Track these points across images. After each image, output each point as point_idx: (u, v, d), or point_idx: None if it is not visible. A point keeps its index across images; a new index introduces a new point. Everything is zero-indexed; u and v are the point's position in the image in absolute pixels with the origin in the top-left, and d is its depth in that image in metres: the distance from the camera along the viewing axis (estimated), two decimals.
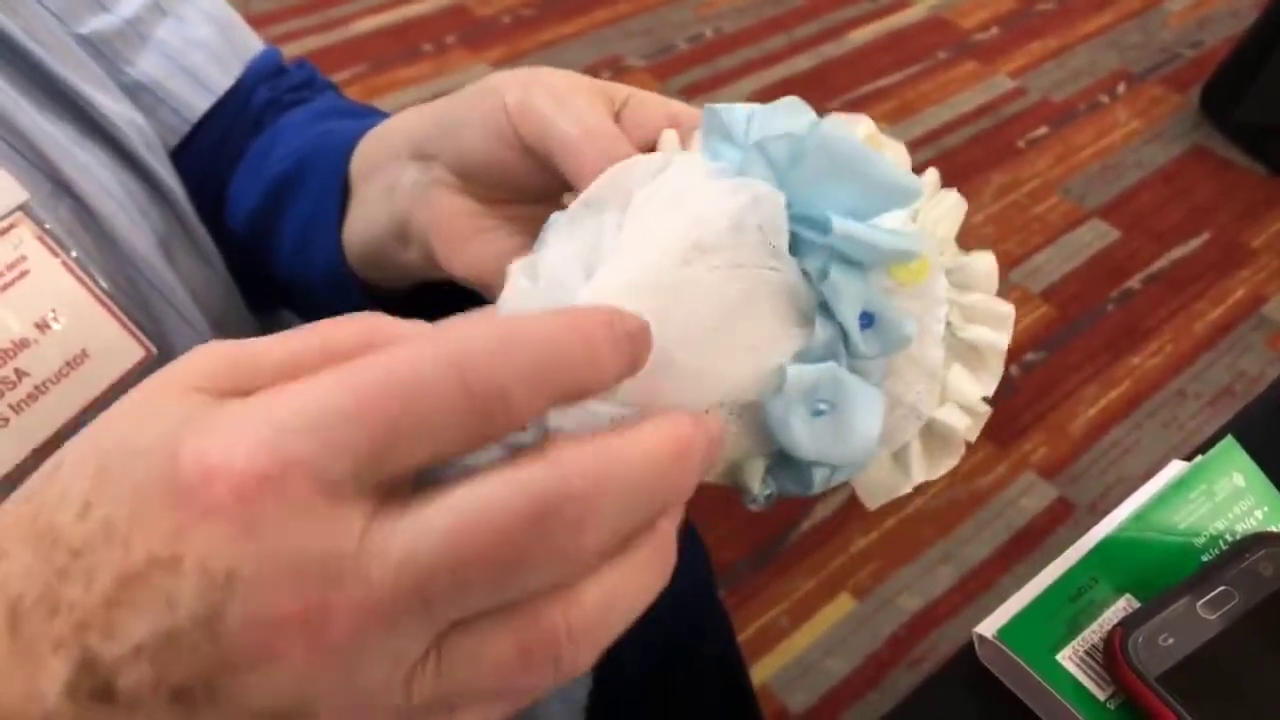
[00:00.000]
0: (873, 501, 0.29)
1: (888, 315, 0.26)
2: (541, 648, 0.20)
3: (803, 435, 0.24)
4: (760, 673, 1.22)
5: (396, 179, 0.39)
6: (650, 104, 0.34)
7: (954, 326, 0.29)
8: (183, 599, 0.18)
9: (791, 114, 0.27)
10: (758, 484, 0.26)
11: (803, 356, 0.25)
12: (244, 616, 0.18)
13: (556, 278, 0.26)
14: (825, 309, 0.26)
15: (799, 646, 1.25)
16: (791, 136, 0.26)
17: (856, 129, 0.29)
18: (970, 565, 1.32)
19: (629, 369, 0.21)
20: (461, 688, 0.20)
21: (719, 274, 0.24)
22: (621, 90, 0.34)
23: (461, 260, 0.36)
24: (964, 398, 0.29)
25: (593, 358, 0.20)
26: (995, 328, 0.30)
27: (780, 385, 0.24)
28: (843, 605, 1.28)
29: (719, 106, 0.28)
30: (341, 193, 0.42)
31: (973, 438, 0.29)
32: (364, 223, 0.41)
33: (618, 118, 0.34)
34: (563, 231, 0.27)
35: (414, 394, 0.19)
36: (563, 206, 0.29)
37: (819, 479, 0.25)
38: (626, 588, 0.21)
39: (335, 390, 0.19)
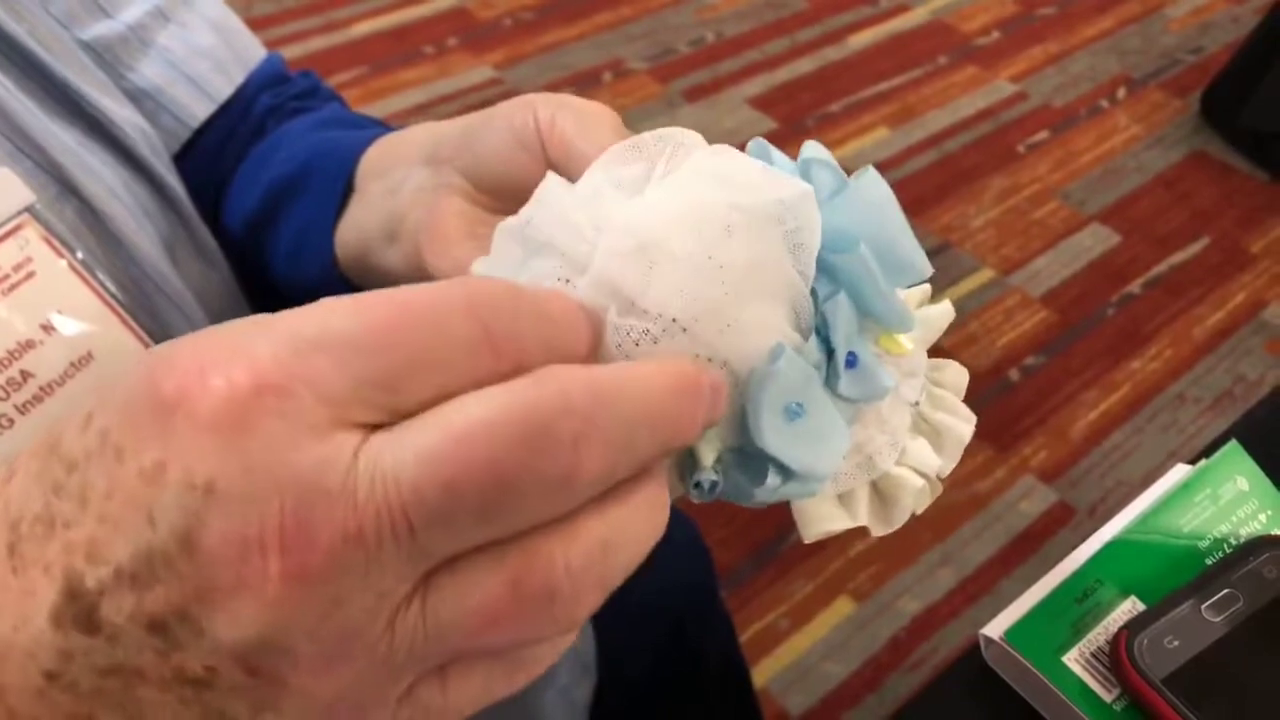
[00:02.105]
0: (809, 532, 0.28)
1: (871, 363, 0.26)
2: (534, 581, 0.18)
3: (772, 427, 0.24)
4: (759, 675, 1.22)
5: (403, 181, 0.39)
6: None
7: (924, 406, 0.30)
8: (163, 512, 0.17)
9: (835, 163, 0.28)
10: (709, 461, 0.25)
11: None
12: (222, 531, 0.17)
13: (596, 194, 0.26)
14: (819, 333, 0.26)
15: (798, 649, 1.25)
16: (835, 170, 0.26)
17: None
18: (970, 569, 1.32)
19: (596, 344, 0.21)
20: (448, 632, 0.18)
21: (753, 243, 0.24)
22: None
23: (449, 259, 0.35)
24: (921, 464, 0.29)
25: (587, 324, 0.21)
26: (961, 421, 0.30)
27: (776, 359, 0.24)
28: (842, 608, 1.28)
29: (768, 145, 0.28)
30: (342, 197, 0.42)
31: (920, 508, 0.29)
32: (358, 220, 0.41)
33: None
34: (604, 163, 0.27)
35: (428, 323, 0.18)
36: None
37: (770, 484, 0.24)
38: (624, 531, 0.20)
39: (350, 313, 0.18)
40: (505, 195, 0.35)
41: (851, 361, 0.26)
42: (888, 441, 0.28)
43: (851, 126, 1.98)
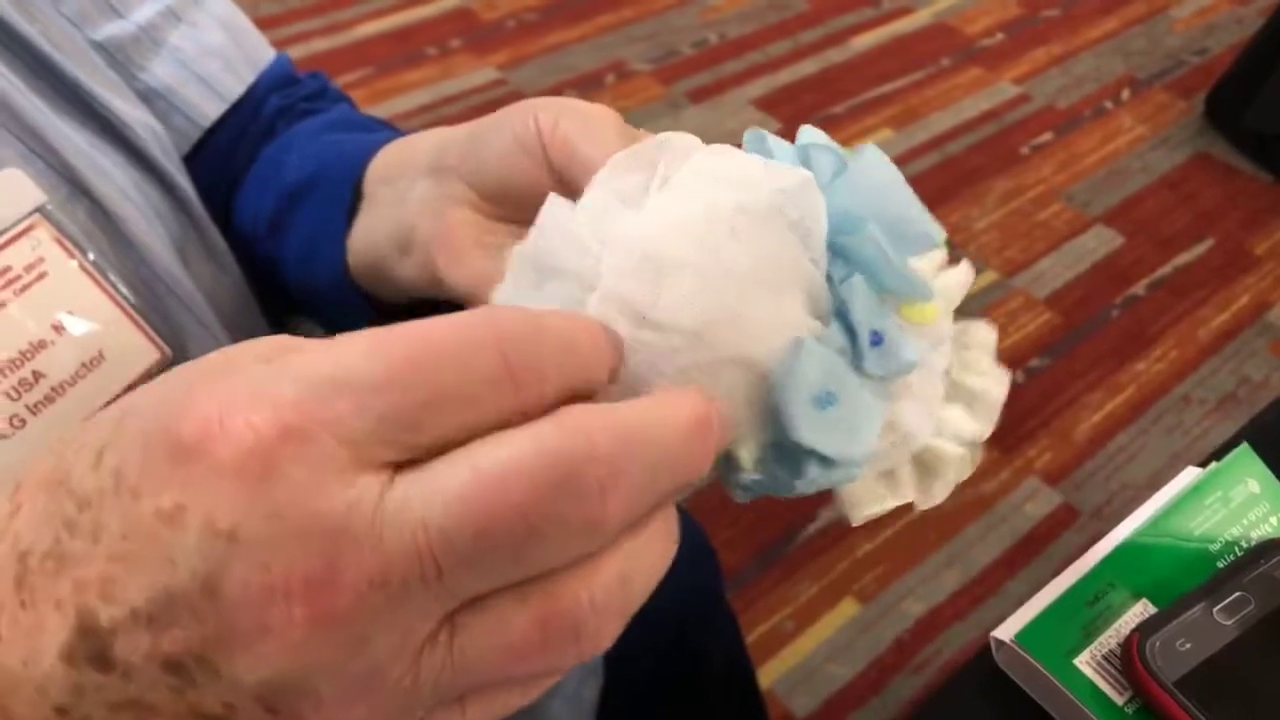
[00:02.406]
0: (855, 514, 0.28)
1: (895, 339, 0.26)
2: (562, 621, 0.19)
3: (805, 419, 0.24)
4: (764, 677, 1.22)
5: (409, 190, 0.39)
6: None
7: (954, 371, 0.29)
8: (184, 555, 0.17)
9: (834, 144, 0.28)
10: (750, 463, 0.25)
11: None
12: (245, 577, 0.17)
13: (600, 210, 0.26)
14: (839, 316, 0.26)
15: (803, 651, 1.25)
16: (835, 151, 0.26)
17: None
18: (975, 571, 1.32)
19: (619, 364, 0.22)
20: (475, 668, 0.19)
21: (759, 239, 0.24)
22: (644, 135, 0.35)
23: (461, 270, 0.35)
24: (958, 433, 0.29)
25: (611, 348, 0.21)
26: (994, 382, 0.30)
27: (797, 355, 0.24)
28: (847, 610, 1.28)
29: (764, 133, 0.28)
30: (351, 203, 0.42)
31: (964, 475, 0.29)
32: (369, 230, 0.41)
33: None
34: (604, 179, 0.27)
35: (449, 360, 0.18)
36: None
37: (810, 474, 0.25)
38: (642, 561, 0.20)
39: (370, 352, 0.18)
40: (510, 202, 0.35)
41: (876, 339, 0.26)
42: (923, 414, 0.28)
43: (855, 128, 1.98)
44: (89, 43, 0.44)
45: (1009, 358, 1.55)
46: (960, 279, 0.31)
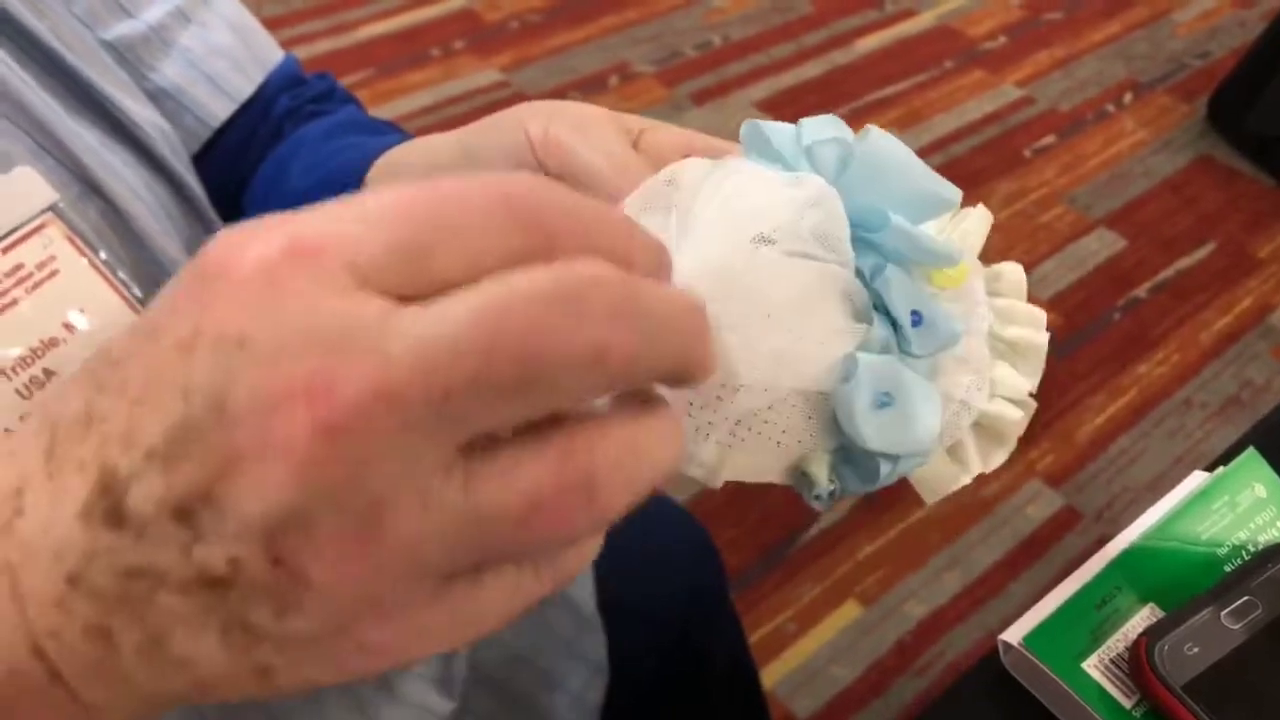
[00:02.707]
0: (932, 496, 0.29)
1: (935, 314, 0.27)
2: (576, 470, 0.18)
3: (869, 425, 0.25)
4: (766, 679, 1.22)
5: None
6: (666, 133, 0.34)
7: (994, 327, 0.30)
8: (197, 378, 0.17)
9: (835, 126, 0.28)
10: (825, 477, 0.26)
11: (861, 351, 0.26)
12: (252, 385, 0.17)
13: None
14: (878, 308, 0.26)
15: (805, 653, 1.25)
16: (840, 142, 0.27)
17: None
18: (977, 573, 1.32)
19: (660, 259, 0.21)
20: (489, 513, 0.18)
21: (784, 262, 0.25)
22: (635, 121, 0.34)
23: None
24: (1012, 391, 0.29)
25: (630, 232, 0.20)
26: (1033, 327, 0.30)
27: (850, 374, 0.24)
28: (849, 612, 1.28)
29: (761, 122, 0.28)
30: None
31: (1022, 430, 0.30)
32: None
33: (634, 147, 0.34)
34: None
35: (457, 200, 0.18)
36: None
37: (883, 473, 0.25)
38: (649, 439, 0.19)
39: (383, 192, 0.19)
40: None
41: (917, 320, 0.26)
42: (974, 381, 0.28)
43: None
44: (99, 42, 0.44)
45: None
46: (978, 224, 0.31)
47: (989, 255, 0.30)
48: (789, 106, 2.02)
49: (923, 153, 1.94)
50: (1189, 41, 2.27)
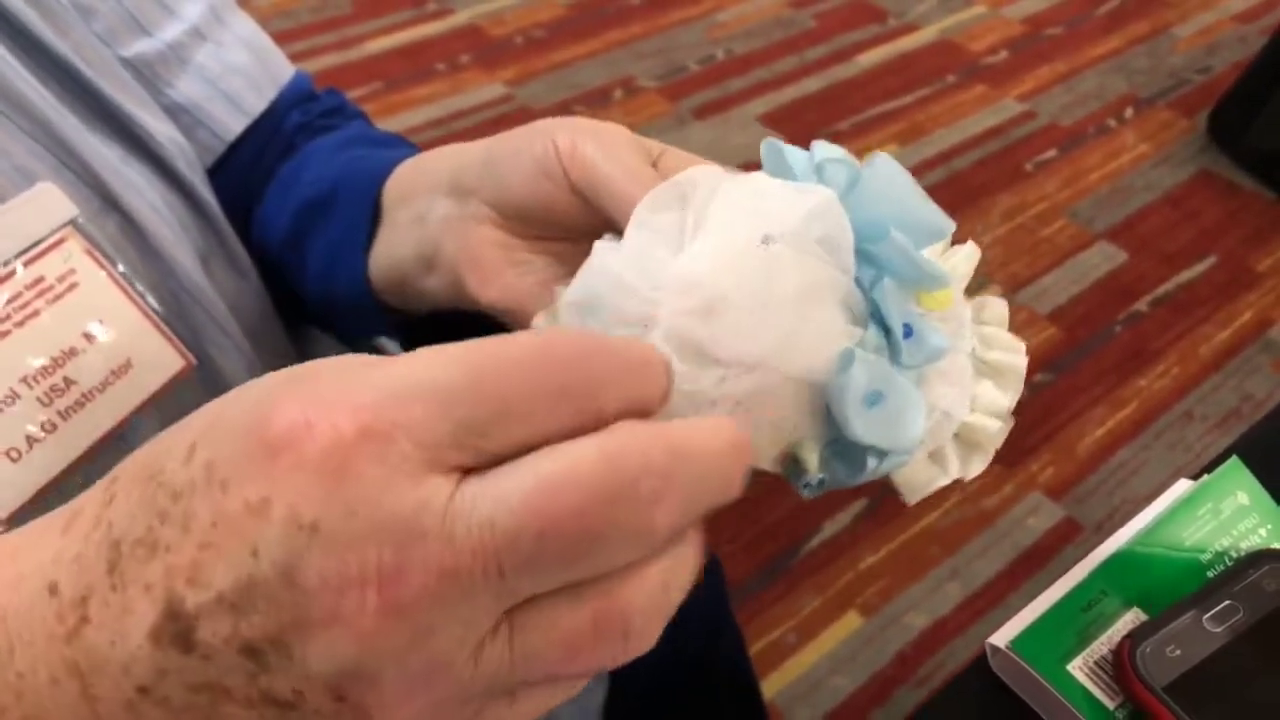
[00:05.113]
0: (913, 496, 0.31)
1: (924, 329, 0.29)
2: (613, 621, 0.20)
3: (859, 419, 0.27)
4: (767, 689, 1.22)
5: (429, 209, 0.40)
6: (683, 159, 0.35)
7: (977, 350, 0.31)
8: (266, 546, 0.18)
9: (845, 153, 0.30)
10: (815, 464, 0.28)
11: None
12: (322, 567, 0.18)
13: (644, 253, 0.28)
14: (874, 317, 0.28)
15: (806, 663, 1.25)
16: (848, 164, 0.28)
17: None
18: (977, 584, 1.33)
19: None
20: (531, 662, 0.20)
21: (791, 258, 0.27)
22: (654, 145, 0.36)
23: (495, 289, 0.37)
24: (992, 406, 0.31)
25: (665, 372, 0.22)
26: (1013, 353, 0.32)
27: (847, 366, 0.26)
28: (850, 623, 1.29)
29: (779, 143, 0.30)
30: (372, 217, 0.43)
31: (999, 442, 0.31)
32: (391, 247, 0.42)
33: (653, 169, 0.35)
34: (642, 218, 0.29)
35: (518, 375, 0.20)
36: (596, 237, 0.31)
37: (869, 466, 0.27)
38: (680, 571, 0.21)
39: (447, 364, 0.20)
40: (533, 221, 0.37)
41: (908, 332, 0.28)
42: (957, 394, 0.30)
43: (860, 144, 1.99)
44: (118, 60, 0.45)
45: None
46: (966, 258, 0.33)
47: (991, 268, 0.32)
48: (792, 121, 2.03)
49: (925, 166, 1.95)
50: (1189, 56, 2.28)
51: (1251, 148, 1.93)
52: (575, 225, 0.36)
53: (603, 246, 0.29)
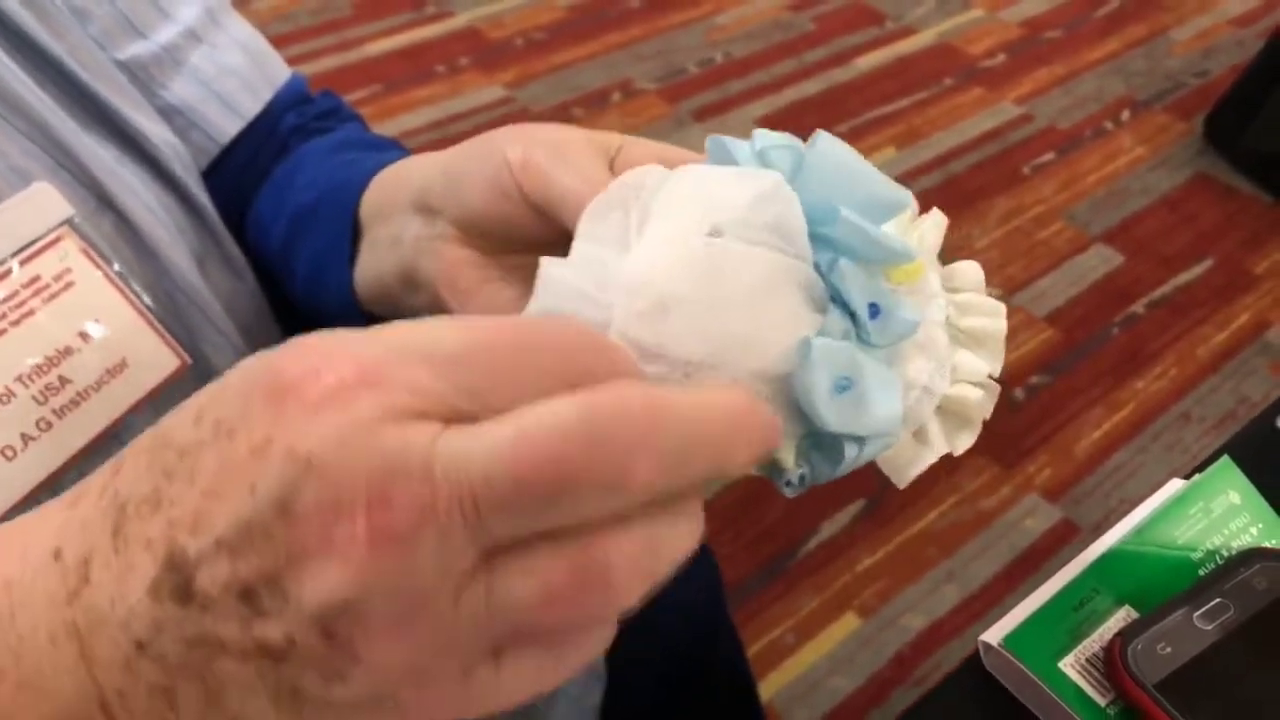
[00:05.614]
0: (901, 478, 0.30)
1: (892, 306, 0.28)
2: (593, 568, 0.20)
3: (828, 408, 0.26)
4: (765, 690, 1.22)
5: (402, 230, 0.40)
6: (642, 149, 0.35)
7: (952, 318, 0.31)
8: (264, 482, 0.19)
9: (788, 139, 0.29)
10: (792, 461, 0.27)
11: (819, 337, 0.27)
12: (315, 498, 0.19)
13: (592, 260, 0.27)
14: (836, 301, 0.27)
15: (803, 664, 1.26)
16: (792, 148, 0.28)
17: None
18: (975, 585, 1.33)
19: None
20: (511, 607, 0.20)
21: (741, 249, 0.26)
22: (613, 139, 0.35)
23: (475, 308, 0.37)
24: (973, 374, 0.30)
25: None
26: (991, 316, 0.31)
27: (806, 355, 0.25)
28: (848, 624, 1.29)
29: (722, 138, 0.30)
30: (353, 229, 0.43)
31: (987, 413, 0.31)
32: (373, 266, 0.42)
33: (612, 165, 0.35)
34: (586, 229, 0.28)
35: (515, 350, 0.21)
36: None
37: (849, 456, 0.26)
38: (670, 536, 0.21)
39: (452, 331, 0.21)
40: (496, 238, 0.37)
41: (874, 312, 0.27)
42: (935, 367, 0.30)
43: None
44: (113, 62, 0.46)
45: (1009, 375, 1.56)
46: (933, 226, 0.32)
47: (988, 270, 0.32)
48: (790, 123, 2.03)
49: (922, 169, 1.96)
50: (1187, 60, 2.29)
51: (1248, 150, 1.94)
52: (539, 238, 0.35)
53: (549, 261, 0.28)
